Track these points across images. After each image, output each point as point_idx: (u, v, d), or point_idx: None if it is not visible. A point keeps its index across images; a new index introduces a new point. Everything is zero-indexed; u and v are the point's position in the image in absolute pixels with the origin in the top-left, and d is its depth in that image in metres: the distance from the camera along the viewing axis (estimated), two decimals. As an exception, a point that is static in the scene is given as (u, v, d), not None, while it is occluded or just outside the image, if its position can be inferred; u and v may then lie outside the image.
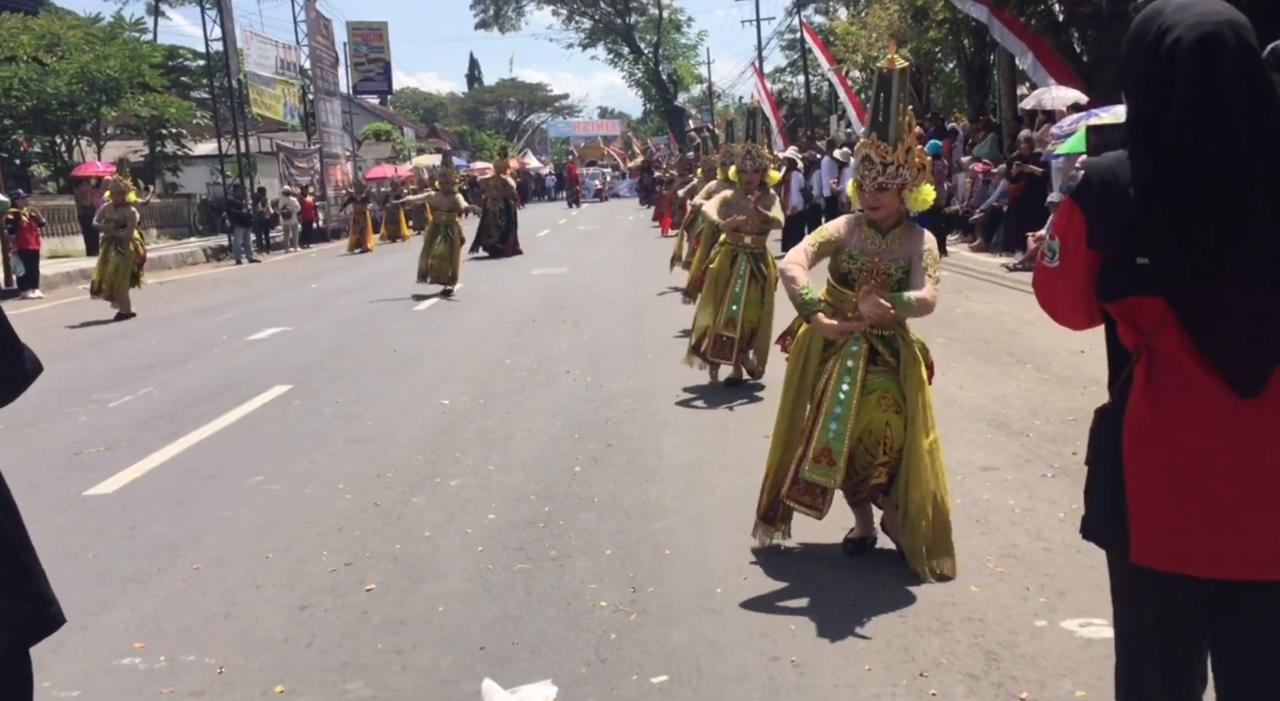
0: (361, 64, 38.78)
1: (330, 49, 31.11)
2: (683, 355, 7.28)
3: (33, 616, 1.81)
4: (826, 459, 3.68)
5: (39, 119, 24.92)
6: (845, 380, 3.70)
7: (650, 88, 61.65)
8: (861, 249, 3.74)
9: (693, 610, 3.51)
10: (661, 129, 65.06)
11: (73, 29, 26.52)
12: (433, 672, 3.18)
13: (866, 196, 3.68)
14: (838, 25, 32.43)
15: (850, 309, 3.71)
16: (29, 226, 16.63)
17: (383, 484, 5.18)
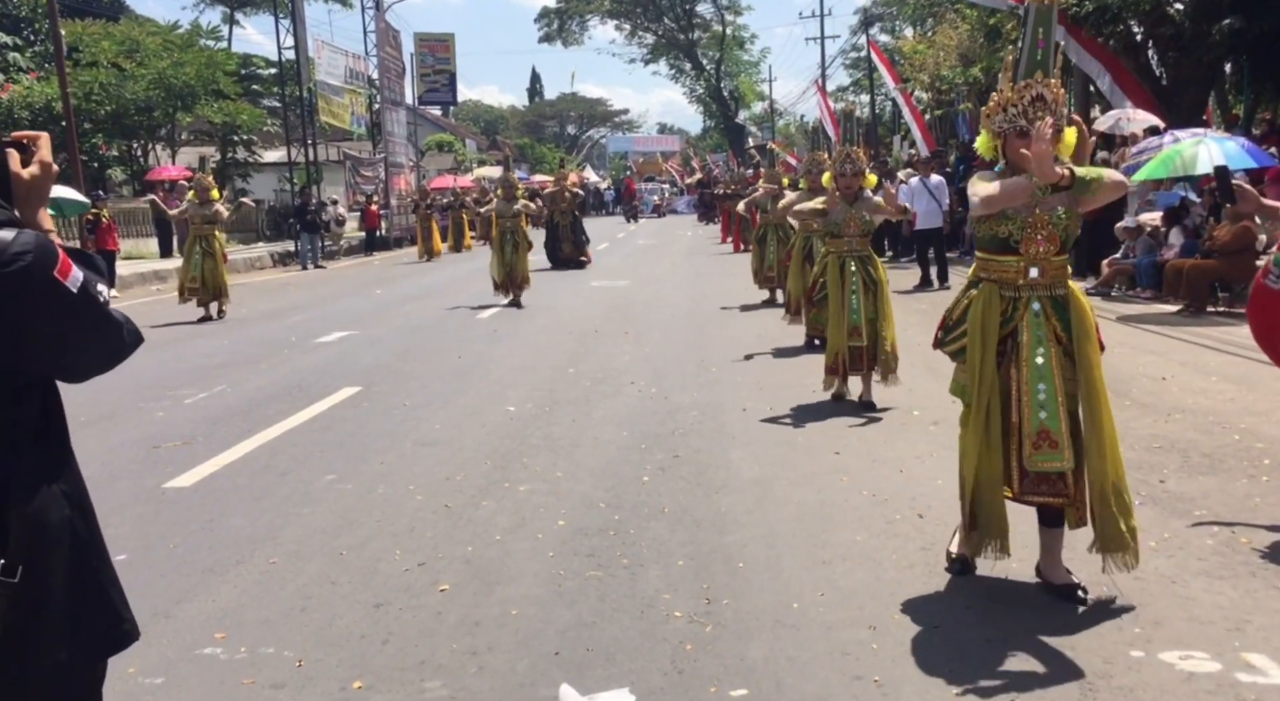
0: (427, 75, 39.41)
1: (398, 59, 31.68)
2: (749, 371, 7.21)
3: (104, 634, 1.77)
4: (1048, 442, 3.43)
5: (117, 123, 25.69)
6: (1039, 350, 3.46)
7: (711, 104, 61.74)
8: (1016, 207, 3.45)
9: (769, 625, 3.45)
10: (721, 146, 65.10)
11: (151, 36, 27.35)
12: (509, 676, 3.16)
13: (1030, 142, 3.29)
14: (904, 44, 32.21)
15: (1018, 275, 3.48)
16: (108, 227, 17.13)
17: (452, 486, 5.20)
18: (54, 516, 1.66)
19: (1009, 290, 3.53)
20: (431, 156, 45.00)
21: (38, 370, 1.68)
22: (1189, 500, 4.58)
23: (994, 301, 3.54)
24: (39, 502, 1.64)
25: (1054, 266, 3.50)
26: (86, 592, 1.71)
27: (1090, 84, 18.15)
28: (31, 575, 1.60)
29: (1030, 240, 3.46)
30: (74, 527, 1.70)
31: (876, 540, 4.22)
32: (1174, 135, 12.07)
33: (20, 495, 1.62)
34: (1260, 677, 2.96)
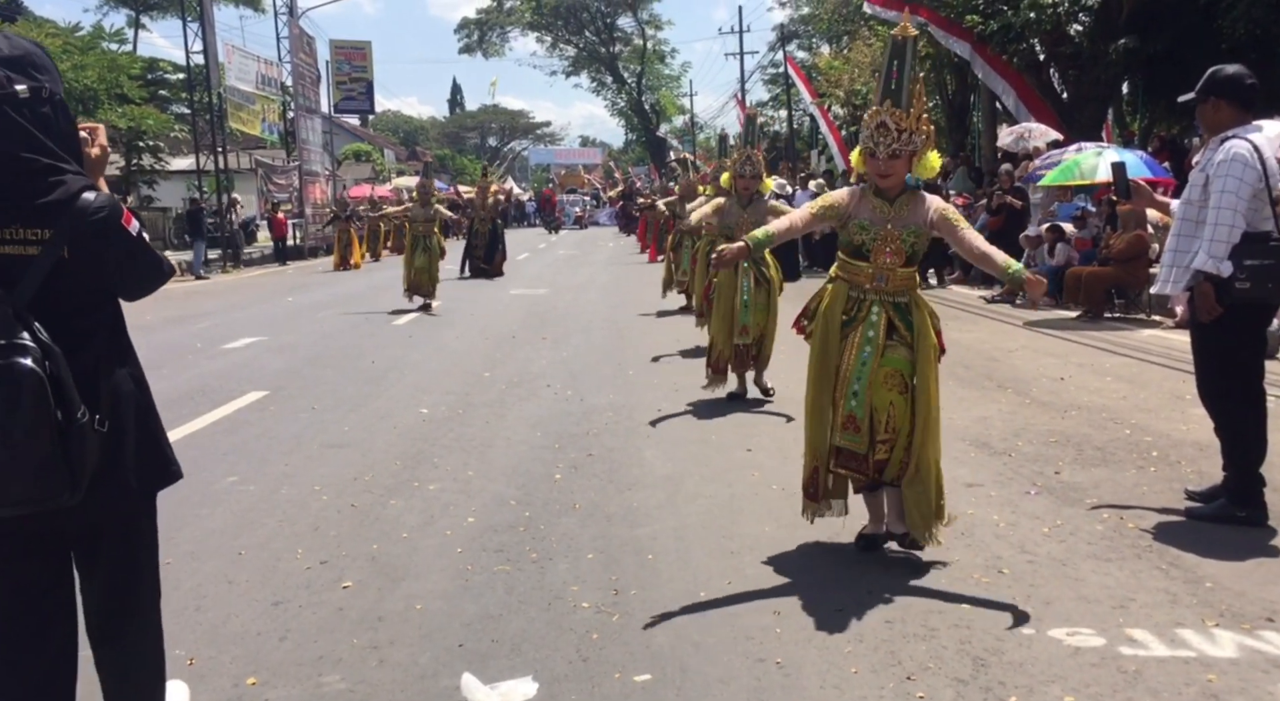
0: (344, 83, 38.78)
1: (313, 66, 31.10)
2: (665, 373, 7.26)
3: (160, 469, 2.42)
4: (853, 426, 3.78)
5: (15, 126, 24.68)
6: (867, 349, 3.79)
7: (633, 117, 62.10)
8: (871, 219, 3.80)
9: (676, 613, 3.46)
10: (643, 159, 65.49)
11: (51, 38, 26.33)
12: (411, 668, 3.11)
13: (879, 164, 3.73)
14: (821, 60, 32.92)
15: (866, 280, 3.83)
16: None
17: (360, 486, 5.10)
18: (125, 388, 2.33)
19: (856, 291, 3.87)
20: (349, 166, 44.28)
21: (111, 290, 2.34)
22: (1081, 489, 4.75)
23: (840, 298, 3.89)
24: (116, 377, 2.31)
25: (898, 276, 3.84)
26: (147, 441, 2.37)
27: (997, 100, 18.81)
28: (114, 426, 2.26)
29: (880, 252, 3.81)
30: (137, 396, 2.36)
31: (784, 531, 4.27)
32: (1078, 146, 12.57)
33: (104, 372, 2.27)
34: (1141, 651, 3.08)
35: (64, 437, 2.13)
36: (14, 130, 2.15)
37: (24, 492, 2.13)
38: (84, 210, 2.21)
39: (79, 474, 2.17)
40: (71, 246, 2.20)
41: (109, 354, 2.31)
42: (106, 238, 2.23)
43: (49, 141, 2.21)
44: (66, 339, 2.18)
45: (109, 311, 2.35)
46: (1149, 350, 8.67)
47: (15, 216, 2.17)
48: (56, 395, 2.12)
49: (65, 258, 2.20)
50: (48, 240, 2.19)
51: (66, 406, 2.14)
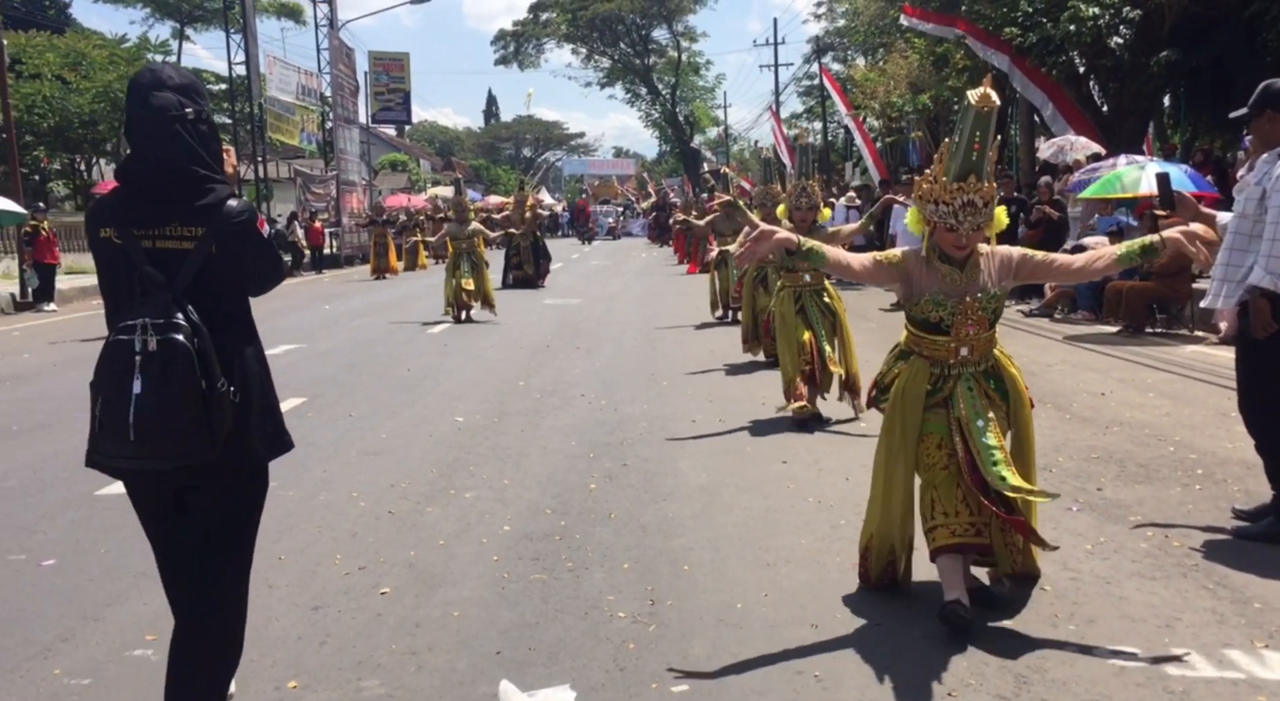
0: (382, 93, 39.21)
1: (351, 77, 31.50)
2: (700, 385, 7.21)
3: (276, 438, 2.76)
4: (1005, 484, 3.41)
5: (60, 136, 25.25)
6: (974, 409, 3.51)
7: (666, 129, 62.21)
8: (945, 292, 3.54)
9: (712, 624, 3.45)
10: (676, 170, 65.58)
11: (98, 49, 26.94)
12: (449, 674, 3.12)
13: (959, 238, 3.47)
14: (856, 72, 32.77)
15: (949, 355, 3.56)
16: (47, 240, 16.74)
17: (397, 493, 5.14)
18: (252, 366, 2.67)
19: (938, 367, 3.60)
20: (385, 176, 44.73)
21: (245, 285, 2.72)
22: (1125, 506, 4.68)
23: (922, 375, 3.60)
24: (245, 355, 2.65)
25: (982, 342, 3.60)
26: (267, 412, 2.72)
27: (1035, 113, 18.65)
28: (243, 398, 2.60)
29: (961, 325, 3.53)
30: (260, 373, 2.71)
31: (821, 544, 4.24)
32: (1119, 159, 12.42)
33: (237, 351, 2.63)
34: (1188, 671, 3.02)
35: (206, 403, 2.48)
36: (182, 145, 2.57)
37: (174, 448, 2.48)
38: (229, 214, 2.62)
39: (217, 435, 2.52)
40: (218, 244, 2.60)
41: (241, 336, 2.68)
42: (245, 238, 2.65)
43: (205, 155, 2.61)
44: (210, 321, 2.55)
45: (242, 301, 2.73)
46: (1192, 366, 8.53)
47: (176, 216, 2.58)
48: (202, 367, 2.48)
49: (213, 253, 2.59)
50: (200, 237, 2.59)
51: (209, 377, 2.50)
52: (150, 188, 2.60)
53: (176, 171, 2.57)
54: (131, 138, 2.64)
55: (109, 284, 2.64)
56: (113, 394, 2.44)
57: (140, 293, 2.54)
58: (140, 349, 2.45)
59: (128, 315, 2.50)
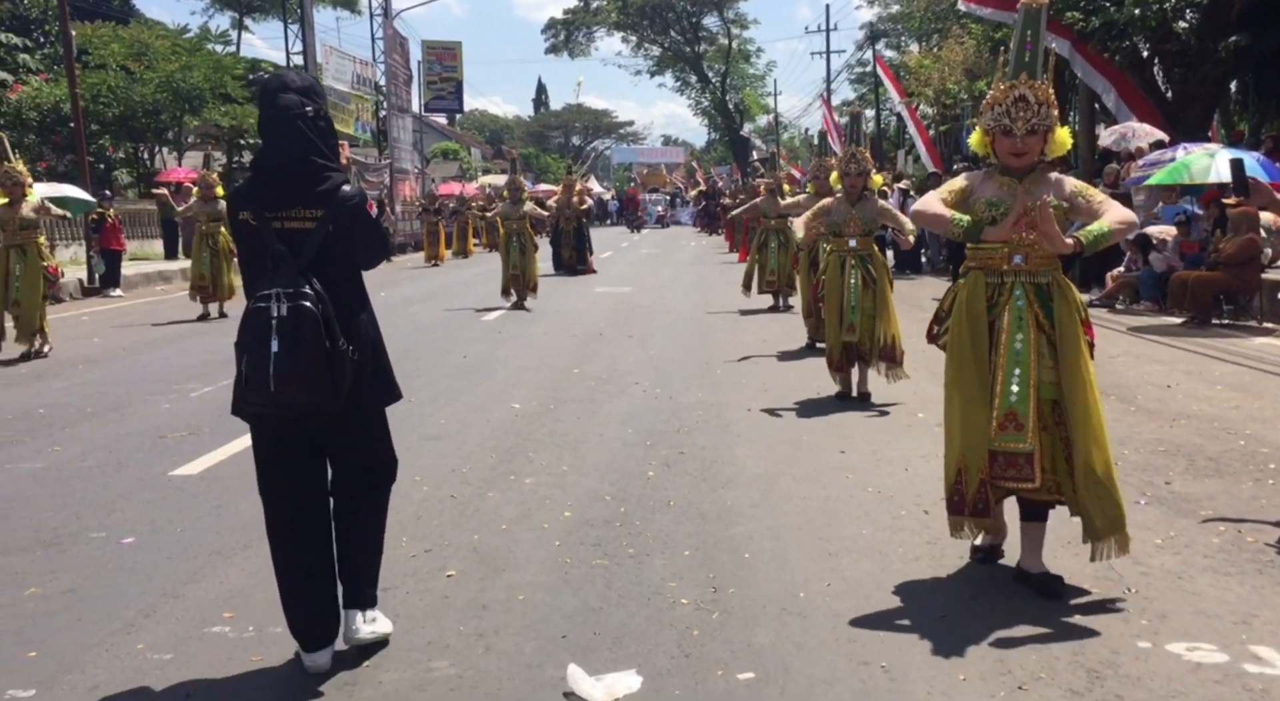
0: (434, 82, 39.52)
1: (405, 67, 31.80)
2: (753, 373, 7.24)
3: (388, 389, 3.25)
4: (1013, 423, 3.50)
5: (124, 126, 25.77)
6: (1019, 335, 3.54)
7: (716, 117, 61.86)
8: (999, 195, 3.59)
9: (775, 612, 3.45)
10: (725, 158, 65.24)
11: (161, 39, 27.45)
12: (516, 657, 3.17)
13: (1015, 141, 3.52)
14: (910, 59, 32.32)
15: (1003, 261, 3.58)
16: (113, 227, 17.15)
17: (458, 478, 5.21)
18: (366, 329, 3.10)
19: (993, 276, 3.61)
20: (437, 164, 45.10)
21: (357, 259, 3.12)
22: (1195, 501, 4.59)
23: (979, 288, 3.63)
24: (360, 320, 3.09)
25: (1038, 254, 3.56)
26: (380, 368, 3.17)
27: (1096, 100, 18.23)
28: (359, 357, 3.03)
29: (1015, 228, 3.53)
30: (373, 336, 3.15)
31: (882, 534, 4.22)
32: (1185, 148, 12.11)
33: (353, 316, 3.06)
34: (1268, 669, 2.96)
35: (330, 361, 2.92)
36: (304, 139, 3.00)
37: (304, 400, 2.91)
38: (344, 198, 3.05)
39: (339, 388, 2.95)
40: (334, 224, 3.02)
41: (356, 303, 3.11)
42: (357, 218, 3.07)
43: (324, 148, 3.04)
44: (330, 291, 2.96)
45: (355, 273, 3.14)
46: (1263, 358, 8.32)
47: (299, 200, 3.01)
48: (326, 330, 2.91)
49: (330, 232, 3.01)
50: (320, 218, 3.01)
51: (332, 338, 2.93)
52: (278, 176, 3.03)
53: (299, 162, 3.00)
54: (262, 133, 3.08)
55: (246, 259, 3.07)
56: (255, 353, 2.88)
57: (272, 266, 2.97)
58: (276, 314, 2.88)
59: (264, 286, 2.94)
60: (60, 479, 5.29)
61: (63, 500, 4.89)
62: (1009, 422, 3.53)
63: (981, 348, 3.59)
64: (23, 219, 9.55)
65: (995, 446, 3.54)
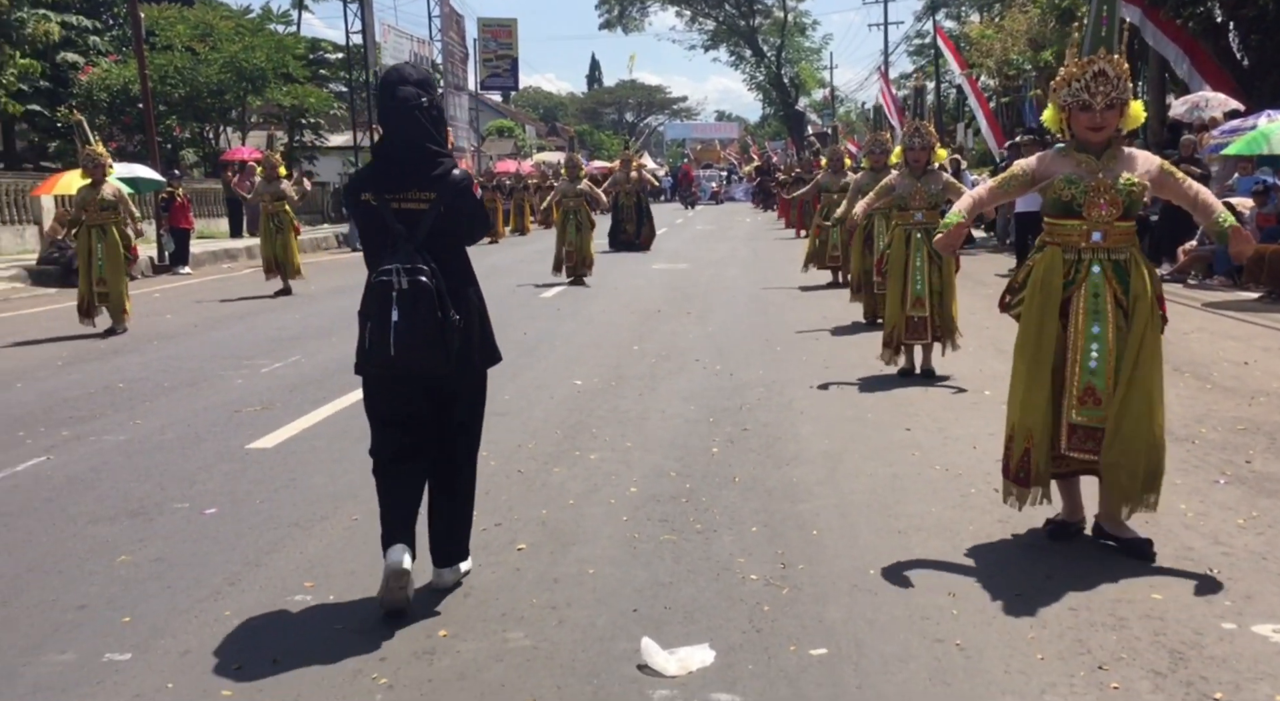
0: (490, 60, 39.66)
1: (461, 44, 31.95)
2: (814, 350, 7.21)
3: (490, 353, 3.57)
4: (1093, 398, 3.58)
5: (190, 106, 26.28)
6: (1095, 314, 3.59)
7: (771, 91, 61.19)
8: (1077, 173, 3.59)
9: (846, 589, 3.45)
10: (780, 133, 64.54)
11: (224, 20, 27.87)
12: (589, 629, 3.21)
13: (1094, 116, 3.52)
14: (972, 30, 31.59)
15: (1081, 238, 3.60)
16: (182, 206, 17.55)
17: (524, 454, 5.27)
18: (473, 301, 3.45)
19: (1071, 253, 3.63)
20: (492, 141, 45.29)
21: (462, 237, 3.47)
22: (1277, 480, 4.47)
23: (1056, 264, 3.65)
24: (468, 292, 3.43)
25: (1117, 231, 3.59)
26: (484, 336, 3.51)
27: (1166, 69, 17.67)
28: (466, 325, 3.36)
29: (1093, 204, 3.57)
30: (479, 307, 3.48)
31: (952, 512, 4.19)
32: (1269, 115, 11.69)
33: (461, 288, 3.40)
34: (1358, 653, 2.89)
35: (442, 329, 3.26)
36: (420, 128, 3.31)
37: (421, 363, 3.29)
38: (454, 181, 3.35)
39: (450, 353, 3.31)
40: (445, 204, 3.33)
41: (464, 277, 3.45)
42: (465, 199, 3.39)
43: (436, 135, 3.35)
44: (441, 266, 3.29)
45: (462, 250, 3.49)
46: (1344, 336, 8.05)
47: (415, 183, 3.32)
48: (439, 302, 3.25)
49: (442, 212, 3.32)
50: (433, 199, 3.31)
51: (444, 309, 3.27)
52: (396, 161, 3.34)
53: (415, 148, 3.32)
54: (382, 122, 3.41)
55: (367, 238, 3.42)
56: (378, 321, 3.24)
57: (391, 244, 3.28)
58: (397, 287, 3.22)
59: (385, 261, 3.27)
60: (143, 451, 5.47)
61: (146, 472, 5.06)
62: (1088, 397, 3.59)
63: (1052, 324, 3.64)
64: (103, 200, 9.83)
65: (1074, 419, 3.61)
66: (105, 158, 10.08)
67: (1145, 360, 3.54)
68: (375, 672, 2.93)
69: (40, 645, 3.14)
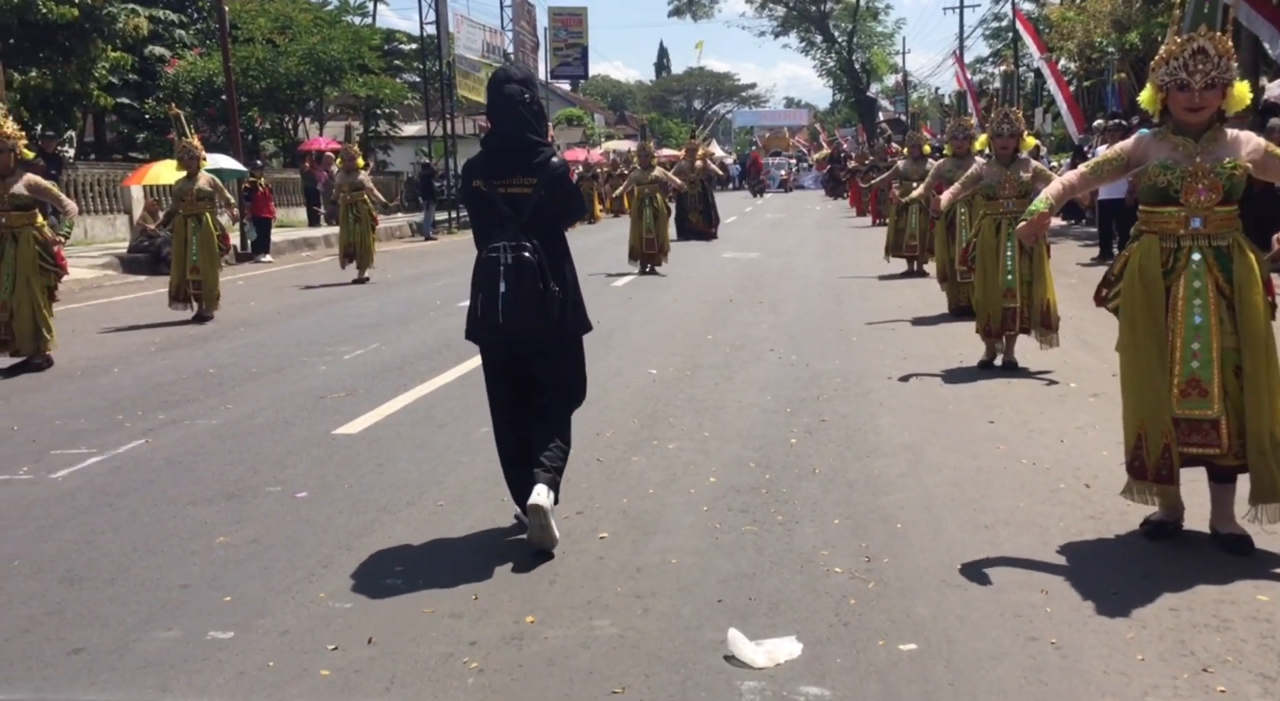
0: (560, 49, 39.83)
1: (532, 33, 32.12)
2: (891, 340, 7.12)
3: (582, 322, 4.02)
4: (1197, 390, 3.47)
5: (270, 97, 26.89)
6: (1196, 301, 3.47)
7: (841, 77, 60.27)
8: (1174, 157, 3.48)
9: (934, 584, 3.41)
10: (850, 120, 63.63)
11: (303, 12, 28.43)
12: (674, 619, 3.22)
13: (1193, 96, 3.40)
14: (1053, 12, 30.69)
15: (1179, 225, 3.48)
16: (264, 195, 18.00)
17: (603, 442, 5.30)
18: (569, 276, 3.89)
19: (1169, 241, 3.51)
20: (561, 130, 45.48)
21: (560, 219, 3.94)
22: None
23: (1153, 252, 3.54)
24: (564, 268, 3.88)
25: (1218, 216, 3.46)
26: (578, 306, 3.97)
27: (1258, 51, 16.94)
28: (563, 297, 3.81)
29: (1190, 190, 3.45)
30: (573, 282, 3.93)
31: (1041, 507, 4.11)
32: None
33: (559, 264, 3.82)
34: None
35: (543, 299, 3.71)
36: (523, 121, 3.74)
37: (526, 328, 3.75)
38: (553, 168, 3.79)
39: (550, 320, 3.76)
40: (546, 190, 3.76)
41: (561, 255, 3.88)
42: (562, 185, 3.84)
43: (538, 127, 3.78)
44: (542, 245, 3.73)
45: (560, 230, 3.94)
46: None
47: (519, 170, 3.75)
48: (540, 275, 3.69)
49: (543, 196, 3.75)
50: (535, 185, 3.75)
51: (544, 281, 3.71)
52: (503, 151, 3.78)
53: (519, 140, 3.75)
54: (490, 117, 3.83)
55: (477, 219, 3.88)
56: (488, 292, 3.69)
57: (498, 224, 3.74)
58: (504, 262, 3.67)
59: (494, 239, 3.73)
60: (235, 435, 5.64)
61: (239, 455, 5.22)
62: (1192, 389, 3.48)
63: (1157, 313, 3.52)
64: (200, 191, 10.16)
65: (1178, 413, 3.49)
66: (201, 150, 10.42)
67: (1258, 350, 3.41)
68: (466, 657, 2.99)
69: (149, 621, 3.27)
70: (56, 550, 3.93)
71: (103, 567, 3.74)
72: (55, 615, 3.34)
